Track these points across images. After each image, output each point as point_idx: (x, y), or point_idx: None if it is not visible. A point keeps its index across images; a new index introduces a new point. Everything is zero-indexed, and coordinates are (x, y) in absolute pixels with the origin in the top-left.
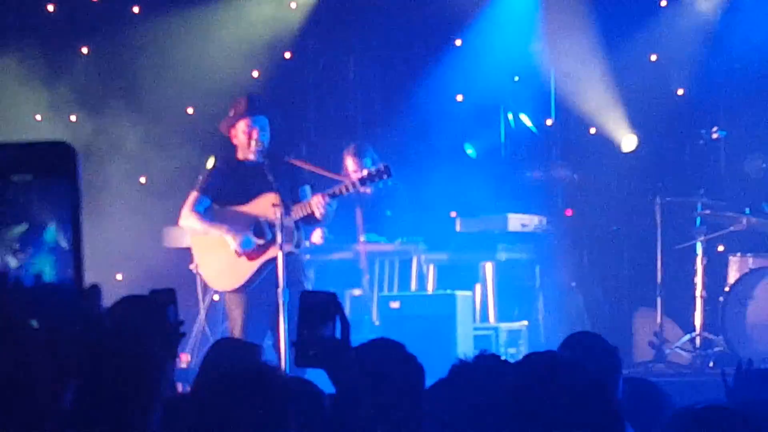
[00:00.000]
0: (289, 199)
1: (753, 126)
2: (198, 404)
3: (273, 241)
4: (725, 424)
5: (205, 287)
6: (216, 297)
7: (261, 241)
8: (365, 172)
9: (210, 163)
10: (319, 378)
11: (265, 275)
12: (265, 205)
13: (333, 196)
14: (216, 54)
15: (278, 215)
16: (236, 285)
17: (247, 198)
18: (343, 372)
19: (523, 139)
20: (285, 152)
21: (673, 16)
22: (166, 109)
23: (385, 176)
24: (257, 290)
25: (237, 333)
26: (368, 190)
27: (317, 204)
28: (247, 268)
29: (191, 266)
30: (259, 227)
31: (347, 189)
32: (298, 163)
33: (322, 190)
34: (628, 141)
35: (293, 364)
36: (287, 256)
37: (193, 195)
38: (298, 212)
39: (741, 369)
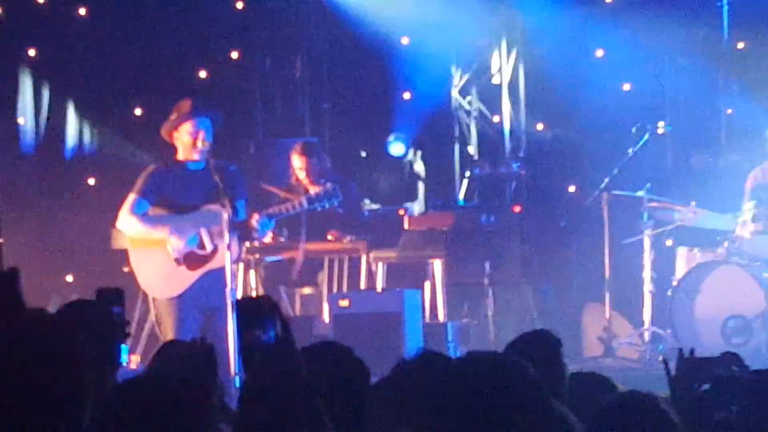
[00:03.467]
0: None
1: (699, 121)
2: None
3: (214, 252)
4: (648, 410)
5: None
6: None
7: (201, 251)
8: (313, 193)
9: (150, 167)
10: None
11: (198, 286)
12: (206, 216)
13: (271, 216)
14: (163, 54)
15: (226, 218)
16: (174, 294)
17: (189, 204)
18: (291, 372)
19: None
20: (228, 161)
21: (619, 11)
22: (114, 110)
23: (333, 198)
24: (188, 297)
25: (167, 337)
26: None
27: (255, 221)
28: (187, 277)
29: (126, 269)
30: (201, 238)
31: (289, 209)
32: (237, 177)
33: (261, 202)
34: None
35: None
36: (221, 272)
37: (131, 197)
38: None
39: (682, 358)
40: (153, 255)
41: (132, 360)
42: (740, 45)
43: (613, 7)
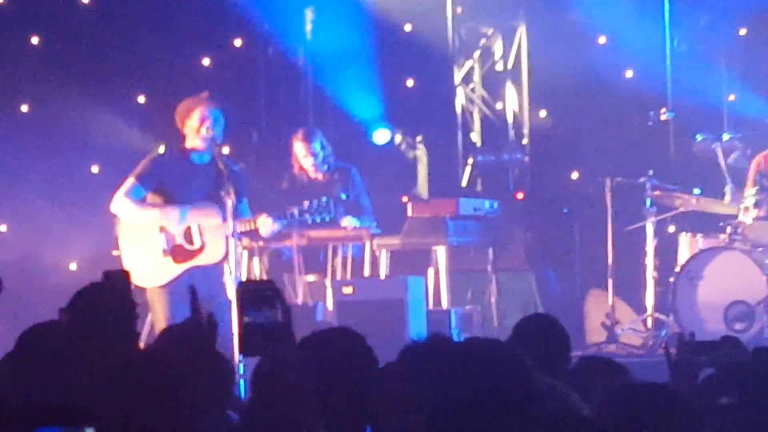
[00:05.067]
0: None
1: (701, 107)
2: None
3: (202, 248)
4: (660, 401)
5: None
6: None
7: (190, 246)
8: (305, 205)
9: (156, 151)
10: None
11: (187, 276)
12: (202, 211)
13: (280, 218)
14: (166, 42)
15: (230, 206)
16: (157, 284)
17: (187, 197)
18: (286, 356)
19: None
20: (233, 160)
21: None
22: (118, 97)
23: (324, 213)
24: (176, 288)
25: (160, 328)
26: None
27: (266, 224)
28: (172, 269)
29: (115, 252)
30: (189, 232)
31: (291, 216)
32: (242, 176)
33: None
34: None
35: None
36: (215, 265)
37: (129, 181)
38: (240, 227)
39: (683, 342)
40: (141, 243)
41: None
42: (742, 32)
43: None
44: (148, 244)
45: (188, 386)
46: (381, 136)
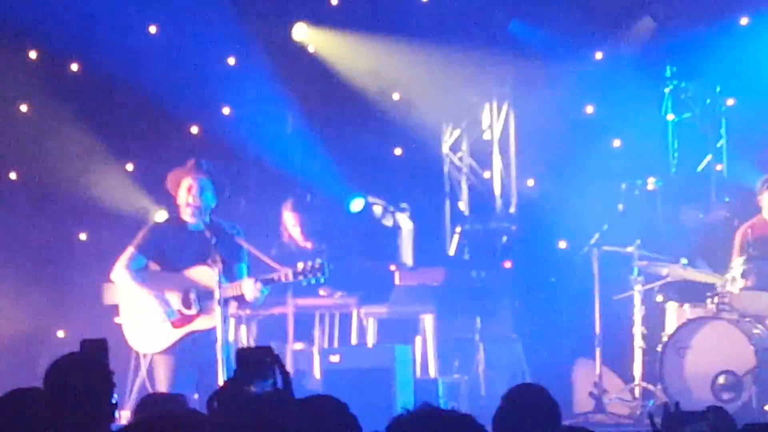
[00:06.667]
0: (225, 274)
1: (688, 176)
2: None
3: (200, 313)
4: None
5: None
6: None
7: (188, 311)
8: (300, 267)
9: (155, 218)
10: None
11: (189, 340)
12: (198, 277)
13: (266, 282)
14: (155, 110)
15: (215, 276)
16: (157, 350)
17: (184, 263)
18: (288, 423)
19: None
20: (230, 226)
21: (609, 67)
22: (106, 165)
23: (319, 275)
24: (177, 353)
25: (161, 390)
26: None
27: (250, 288)
28: (171, 334)
29: (117, 319)
30: (187, 298)
31: (281, 278)
32: (240, 241)
33: (256, 268)
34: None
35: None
36: (213, 329)
37: (129, 251)
38: (228, 291)
39: (668, 412)
40: (142, 310)
41: (122, 416)
42: (730, 102)
43: (604, 64)
44: (147, 311)
45: None
46: (356, 204)
